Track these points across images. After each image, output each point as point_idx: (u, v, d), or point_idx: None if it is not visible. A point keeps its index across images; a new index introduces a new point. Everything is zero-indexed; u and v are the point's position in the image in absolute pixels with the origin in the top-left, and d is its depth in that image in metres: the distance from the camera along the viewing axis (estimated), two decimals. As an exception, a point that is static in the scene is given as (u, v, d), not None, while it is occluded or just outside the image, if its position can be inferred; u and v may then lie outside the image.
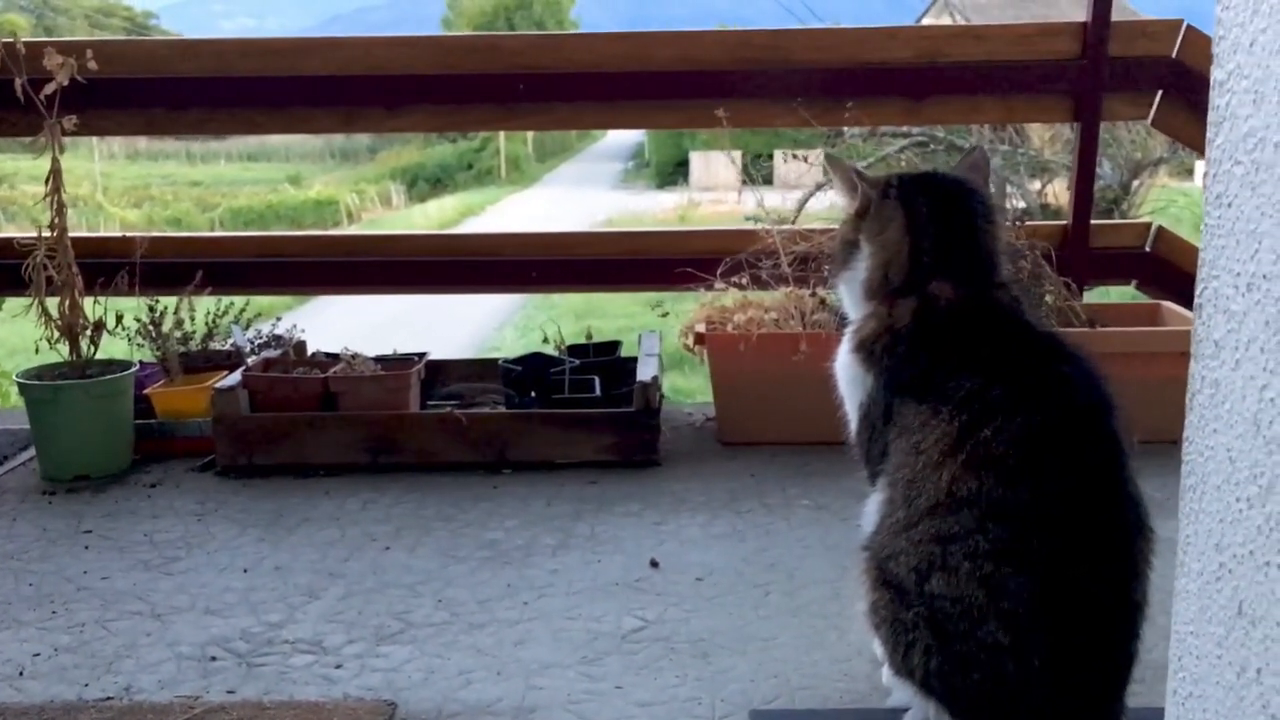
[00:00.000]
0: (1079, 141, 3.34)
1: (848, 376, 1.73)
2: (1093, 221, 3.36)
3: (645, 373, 2.82)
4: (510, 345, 8.38)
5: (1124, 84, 3.26)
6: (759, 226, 3.23)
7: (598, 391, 2.90)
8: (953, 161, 5.20)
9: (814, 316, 2.93)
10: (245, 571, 2.23)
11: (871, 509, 1.65)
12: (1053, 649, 1.43)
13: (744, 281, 3.01)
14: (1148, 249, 3.43)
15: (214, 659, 1.90)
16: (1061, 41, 3.27)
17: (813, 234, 3.15)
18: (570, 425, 2.75)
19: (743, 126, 3.33)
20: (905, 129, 8.72)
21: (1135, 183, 12.01)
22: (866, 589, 1.62)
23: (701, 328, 2.92)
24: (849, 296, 1.78)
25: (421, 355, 3.07)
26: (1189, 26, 3.24)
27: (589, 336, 3.22)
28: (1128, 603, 1.46)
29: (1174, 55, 3.26)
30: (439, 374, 3.12)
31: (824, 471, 2.71)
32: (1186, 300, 3.13)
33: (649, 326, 3.31)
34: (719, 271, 3.05)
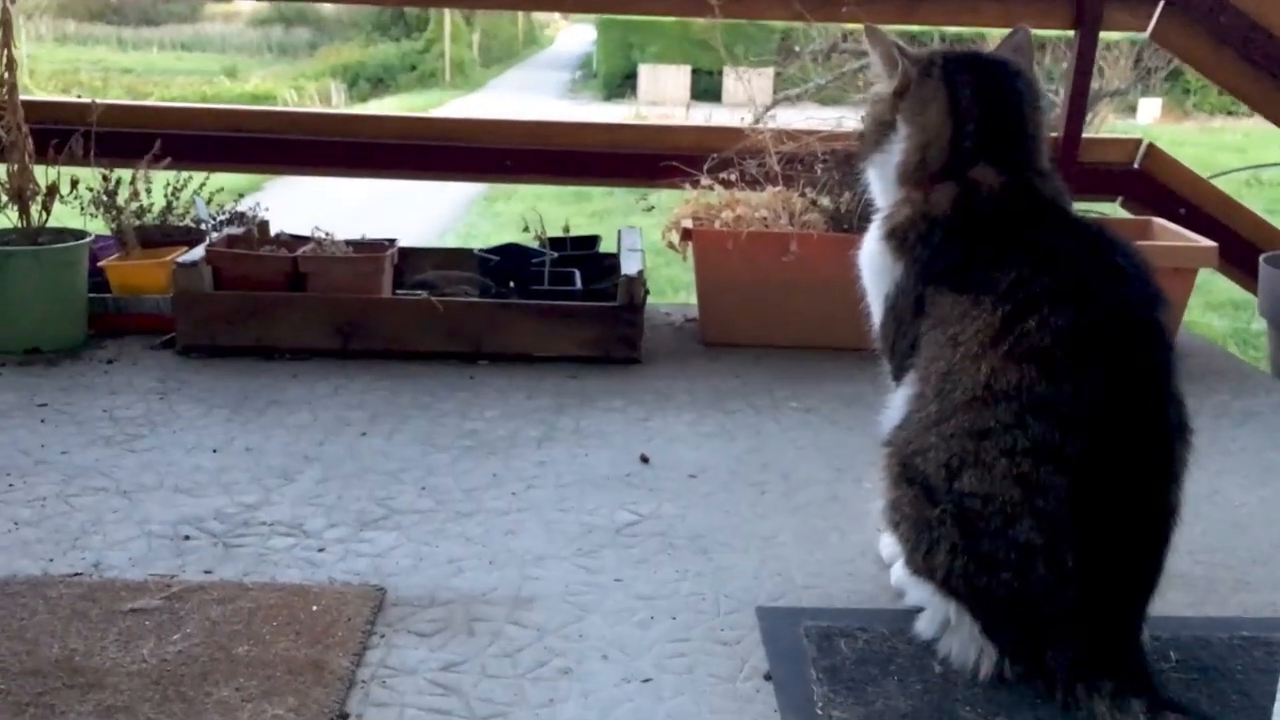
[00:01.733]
0: (1076, 51, 3.26)
1: (875, 266, 1.65)
2: (1083, 135, 3.29)
3: (629, 267, 2.72)
4: (472, 238, 8.15)
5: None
6: (746, 124, 3.13)
7: (578, 285, 2.80)
8: None
9: (804, 217, 2.84)
10: (214, 452, 2.12)
11: (897, 403, 1.59)
12: (1086, 552, 1.38)
13: (732, 179, 2.91)
14: (1136, 165, 3.38)
15: (188, 538, 1.80)
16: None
17: (801, 134, 3.05)
18: (550, 318, 2.65)
19: (735, 18, 3.21)
20: (863, 48, 8.59)
21: (1090, 115, 12.04)
22: (887, 485, 1.56)
23: (688, 223, 2.82)
24: (880, 181, 1.69)
25: (392, 241, 2.94)
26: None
27: (567, 229, 3.11)
28: (1164, 508, 1.42)
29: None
30: (409, 261, 2.99)
31: (811, 375, 2.64)
32: (1174, 218, 3.09)
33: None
34: (705, 168, 2.95)
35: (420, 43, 29.55)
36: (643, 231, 3.10)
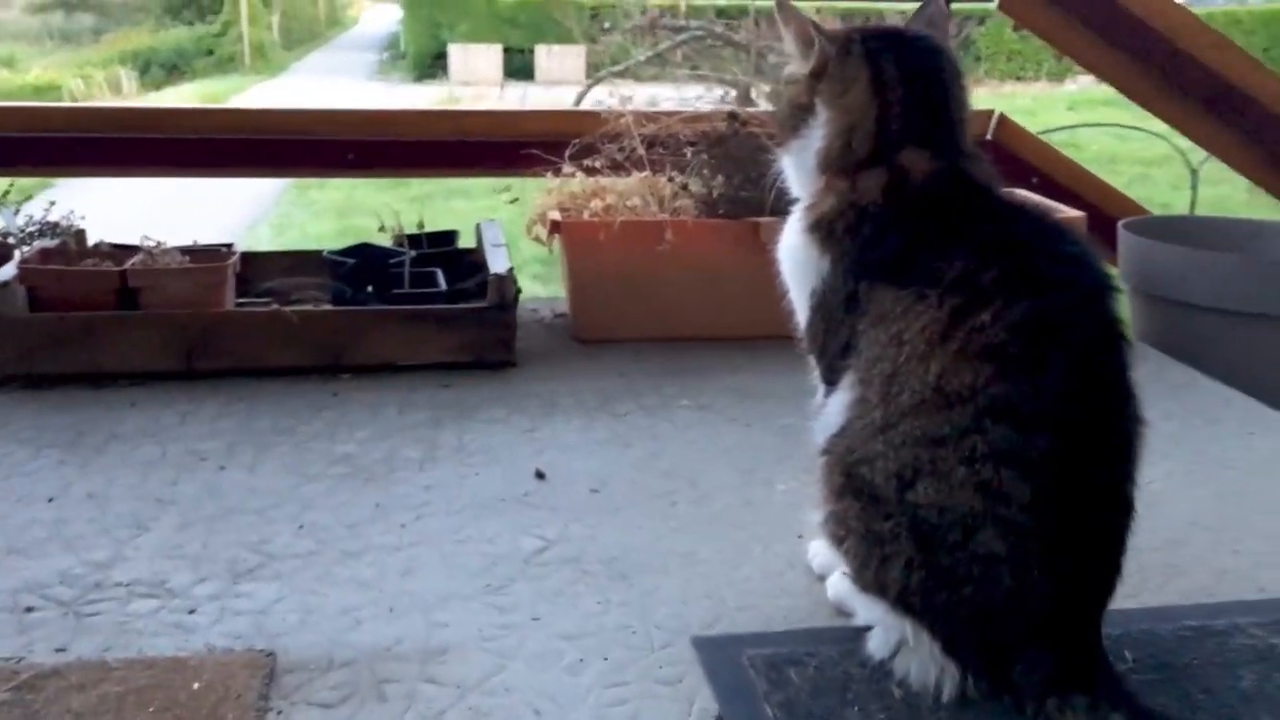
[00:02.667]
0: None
1: (798, 260, 1.53)
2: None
3: (497, 264, 2.55)
4: (264, 245, 7.71)
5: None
6: (604, 108, 2.98)
7: (442, 285, 2.61)
8: (729, 59, 5.03)
9: (676, 203, 2.71)
10: (50, 501, 1.86)
11: (833, 409, 1.47)
12: (1052, 559, 1.30)
13: (598, 165, 2.76)
14: (989, 136, 3.37)
15: (30, 610, 1.56)
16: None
17: (661, 116, 2.93)
18: (416, 323, 2.46)
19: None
20: (683, 21, 8.55)
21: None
22: (829, 497, 1.45)
23: (556, 215, 2.66)
24: (798, 169, 1.57)
25: (230, 246, 2.69)
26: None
27: (421, 225, 2.90)
28: (1124, 505, 1.34)
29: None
30: (251, 268, 2.74)
31: (697, 369, 2.52)
32: (1028, 188, 3.09)
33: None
34: (567, 154, 2.80)
35: (216, 26, 28.27)
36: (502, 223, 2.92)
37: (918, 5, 1.60)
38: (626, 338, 2.68)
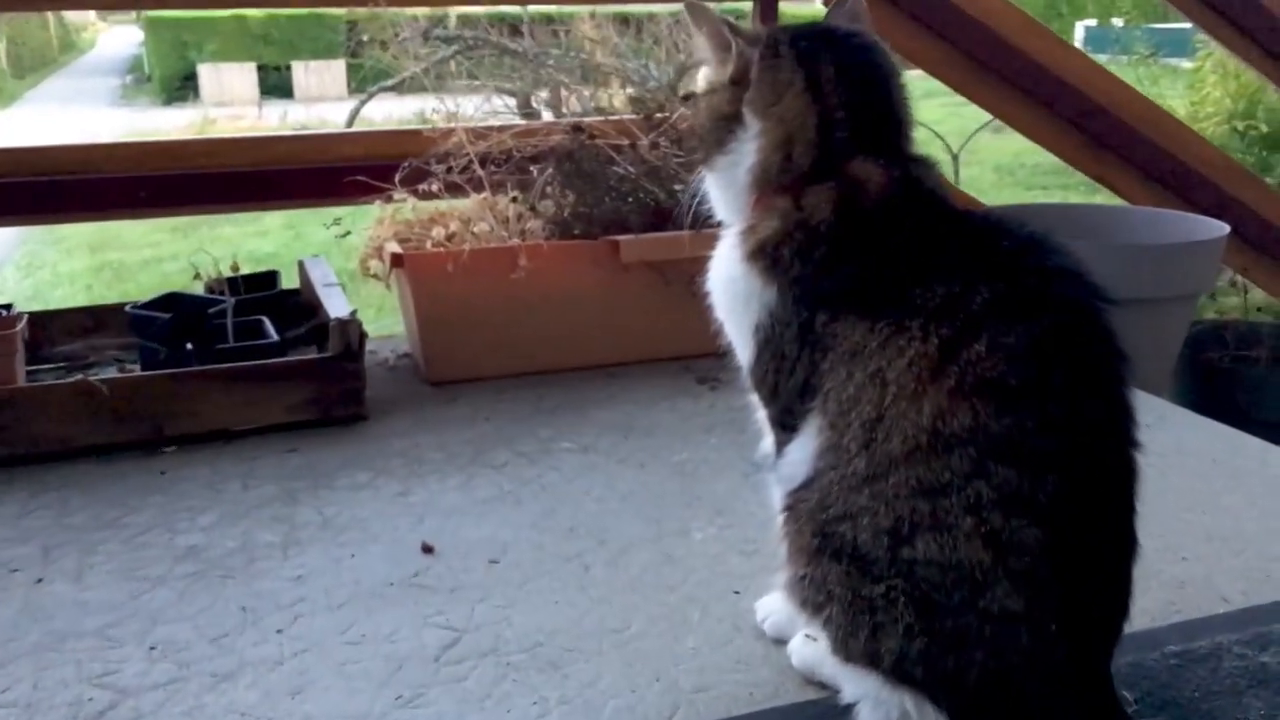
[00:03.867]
0: (756, 18, 3.12)
1: (736, 293, 1.35)
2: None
3: (335, 307, 2.27)
4: (13, 289, 7.00)
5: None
6: (428, 126, 2.73)
7: (273, 335, 2.30)
8: (505, 69, 4.82)
9: (524, 225, 2.50)
10: None
11: (793, 458, 1.30)
12: (1069, 608, 1.16)
13: (433, 188, 2.52)
14: None
15: None
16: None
17: (494, 131, 2.71)
18: (249, 381, 2.15)
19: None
20: (456, 32, 8.26)
21: (680, 85, 12.38)
22: (799, 561, 1.27)
23: (395, 247, 2.40)
24: (726, 190, 1.39)
25: (8, 308, 2.31)
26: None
27: (236, 269, 2.58)
28: (1131, 540, 1.22)
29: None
30: (38, 333, 2.37)
31: (570, 405, 2.31)
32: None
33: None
34: (397, 178, 2.54)
35: (-66, 55, 26.08)
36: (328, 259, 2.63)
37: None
38: (485, 376, 2.44)
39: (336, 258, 3.32)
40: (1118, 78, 3.51)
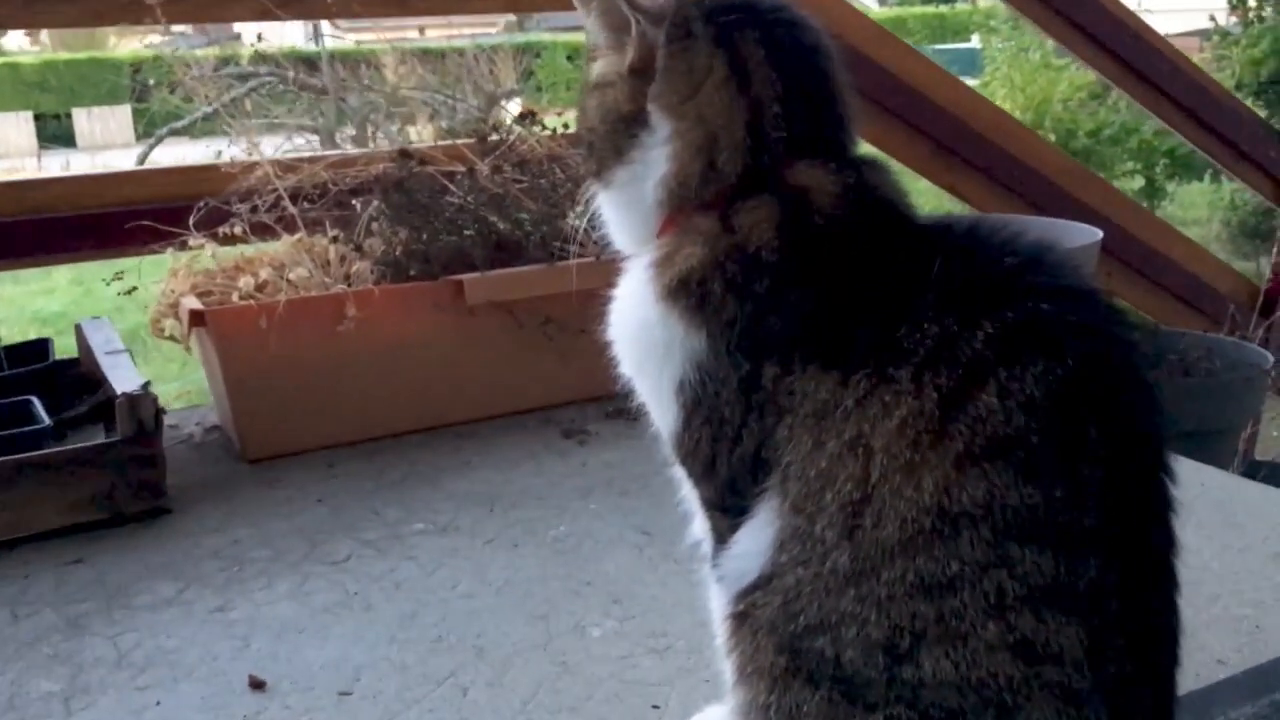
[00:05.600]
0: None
1: (651, 343, 1.04)
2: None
3: (122, 378, 1.87)
4: None
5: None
6: (225, 161, 2.35)
7: (45, 419, 1.88)
8: (305, 105, 4.46)
9: (350, 268, 2.14)
10: None
11: (744, 549, 1.01)
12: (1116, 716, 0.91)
13: (236, 231, 2.14)
14: None
15: None
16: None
17: (301, 163, 2.35)
18: (17, 478, 1.73)
19: (179, 21, 2.40)
20: (251, 68, 7.73)
21: (491, 115, 12.06)
22: (756, 683, 0.98)
23: (193, 302, 2.01)
24: (628, 210, 1.08)
25: None
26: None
27: (-4, 337, 2.14)
28: (1178, 623, 0.97)
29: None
30: None
31: (416, 475, 1.97)
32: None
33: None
34: (191, 221, 2.15)
35: None
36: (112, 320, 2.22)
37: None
38: (312, 447, 2.07)
39: (133, 314, 2.88)
40: (966, 86, 3.39)
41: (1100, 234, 2.75)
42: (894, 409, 0.90)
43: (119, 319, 2.42)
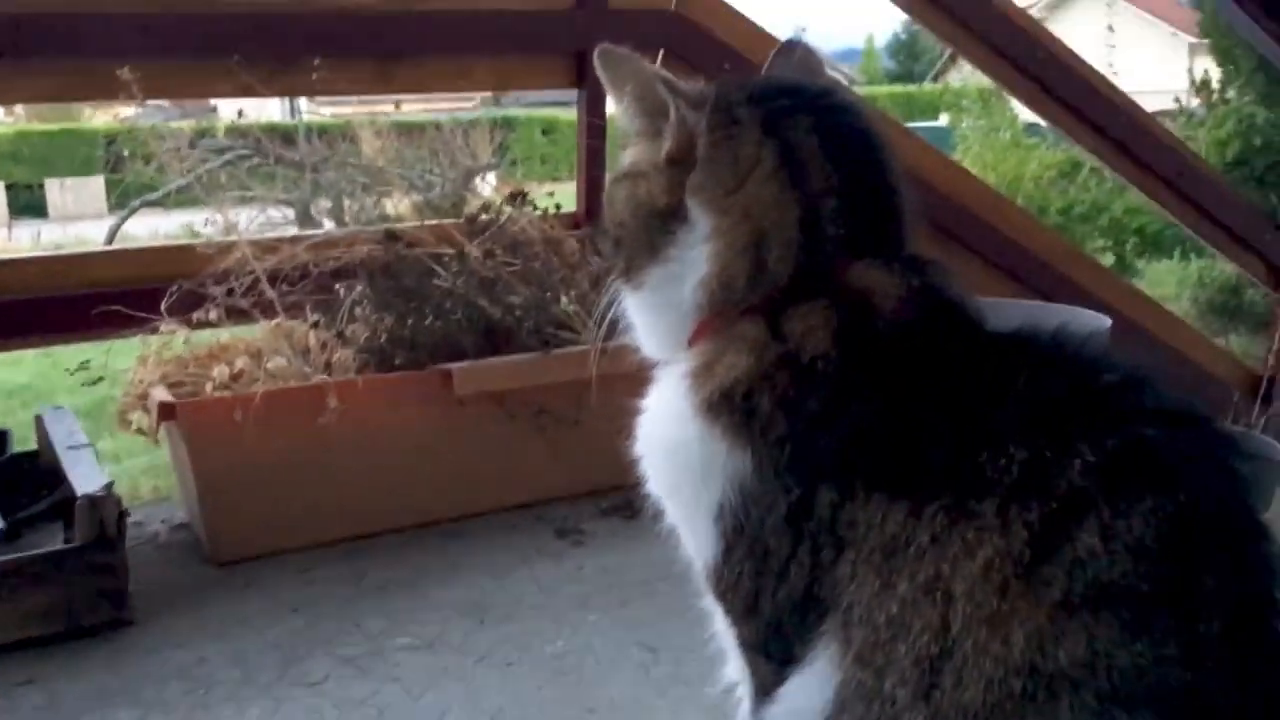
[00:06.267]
0: (582, 113, 2.77)
1: (687, 462, 0.92)
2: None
3: (84, 478, 1.73)
4: None
5: (625, 40, 2.72)
6: (201, 240, 2.24)
7: (-2, 521, 1.74)
8: (281, 178, 4.40)
9: (331, 356, 2.01)
10: None
11: (793, 703, 0.88)
12: None
13: (211, 316, 2.01)
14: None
15: None
16: (554, -15, 2.66)
17: (281, 244, 2.23)
18: (-38, 589, 1.58)
19: (158, 97, 2.30)
20: (227, 141, 7.63)
21: (467, 190, 12.03)
22: None
23: (163, 393, 1.88)
24: (661, 313, 0.97)
25: None
26: (686, -25, 2.80)
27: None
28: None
29: (673, 8, 2.79)
30: None
31: (400, 581, 1.83)
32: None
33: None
34: (164, 306, 2.02)
35: None
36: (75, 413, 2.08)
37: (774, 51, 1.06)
38: (288, 549, 1.92)
39: (103, 385, 2.73)
40: (961, 167, 3.32)
41: (1109, 321, 2.65)
42: (977, 548, 0.78)
43: (86, 392, 2.27)
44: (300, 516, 1.93)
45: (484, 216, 2.36)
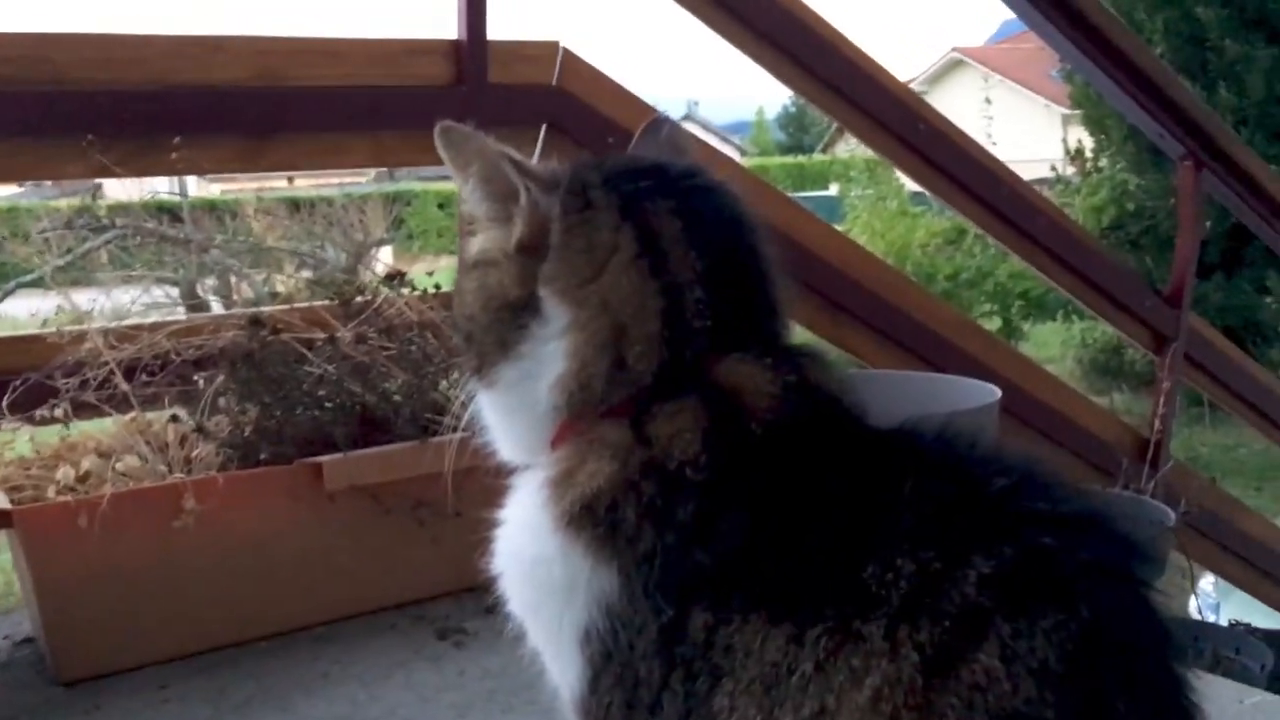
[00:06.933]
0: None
1: (549, 582, 0.84)
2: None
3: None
4: None
5: (506, 116, 2.66)
6: (51, 330, 2.10)
7: None
8: (165, 256, 4.25)
9: (193, 452, 1.88)
10: None
11: None
12: None
13: (56, 413, 1.87)
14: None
15: None
16: (433, 64, 2.59)
17: (143, 331, 2.10)
18: None
19: (10, 180, 2.16)
20: (107, 219, 7.40)
21: (360, 265, 11.82)
22: None
23: (1, 500, 1.73)
24: (516, 415, 0.89)
25: None
26: (566, 50, 2.76)
27: None
28: None
29: (554, 82, 2.75)
30: None
31: (265, 694, 1.69)
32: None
33: None
34: (4, 403, 1.88)
35: None
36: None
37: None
38: (142, 663, 1.78)
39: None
40: (851, 240, 3.32)
41: (998, 393, 2.64)
42: (864, 676, 0.71)
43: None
44: (154, 628, 1.78)
45: (359, 299, 2.26)
